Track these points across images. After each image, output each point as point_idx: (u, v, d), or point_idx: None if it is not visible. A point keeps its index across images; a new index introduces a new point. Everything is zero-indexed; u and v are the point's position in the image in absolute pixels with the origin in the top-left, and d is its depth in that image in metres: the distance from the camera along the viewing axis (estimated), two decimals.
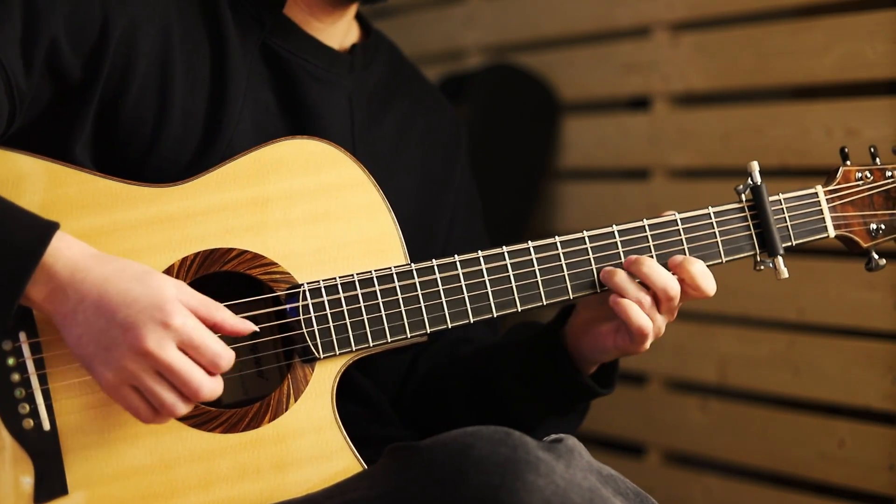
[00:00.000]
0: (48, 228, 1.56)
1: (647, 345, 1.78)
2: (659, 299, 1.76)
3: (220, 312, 1.62)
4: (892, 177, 1.89)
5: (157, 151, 1.76)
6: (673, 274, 1.77)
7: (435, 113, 2.12)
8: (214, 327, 1.61)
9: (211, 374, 1.59)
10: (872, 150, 1.90)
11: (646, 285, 1.76)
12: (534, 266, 1.77)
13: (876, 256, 1.87)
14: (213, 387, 1.59)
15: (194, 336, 1.57)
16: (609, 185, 3.11)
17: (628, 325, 1.76)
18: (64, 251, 1.56)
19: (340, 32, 1.96)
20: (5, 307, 1.54)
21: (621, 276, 1.76)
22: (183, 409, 1.59)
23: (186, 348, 1.57)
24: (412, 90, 2.09)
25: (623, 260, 1.78)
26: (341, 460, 1.72)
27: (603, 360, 1.86)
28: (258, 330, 1.66)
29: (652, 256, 1.79)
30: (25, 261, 1.54)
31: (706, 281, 1.77)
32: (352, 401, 1.87)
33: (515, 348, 1.93)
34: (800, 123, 2.62)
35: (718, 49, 2.79)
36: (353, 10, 1.96)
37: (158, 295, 1.56)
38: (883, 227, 1.88)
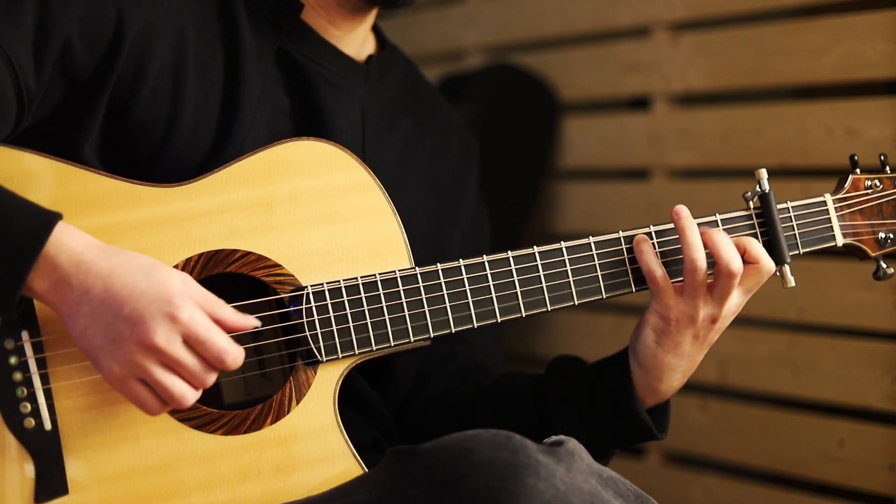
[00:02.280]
0: (50, 219, 1.56)
1: (669, 301, 1.76)
2: (685, 269, 1.75)
3: (223, 310, 1.61)
4: None
5: (167, 153, 1.76)
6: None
7: (445, 134, 2.10)
8: (217, 324, 1.61)
9: (216, 368, 1.59)
10: (882, 157, 1.89)
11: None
12: (539, 272, 1.77)
13: (884, 265, 1.87)
14: (213, 378, 1.60)
15: (201, 330, 1.57)
16: (609, 185, 3.11)
17: (641, 267, 1.76)
18: (67, 243, 1.56)
19: (358, 41, 1.96)
20: (8, 298, 1.54)
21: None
22: (192, 398, 1.59)
23: (192, 343, 1.57)
24: (423, 109, 2.08)
25: (629, 266, 1.79)
26: (342, 464, 1.72)
27: (647, 346, 1.80)
28: (260, 325, 1.66)
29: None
30: (27, 251, 1.53)
31: (765, 256, 1.77)
32: (354, 408, 1.87)
33: (570, 375, 1.90)
34: (800, 123, 2.62)
35: (718, 49, 2.79)
36: (371, 17, 1.96)
37: (165, 288, 1.56)
38: (892, 236, 1.87)
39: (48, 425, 1.62)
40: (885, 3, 2.48)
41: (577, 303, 1.78)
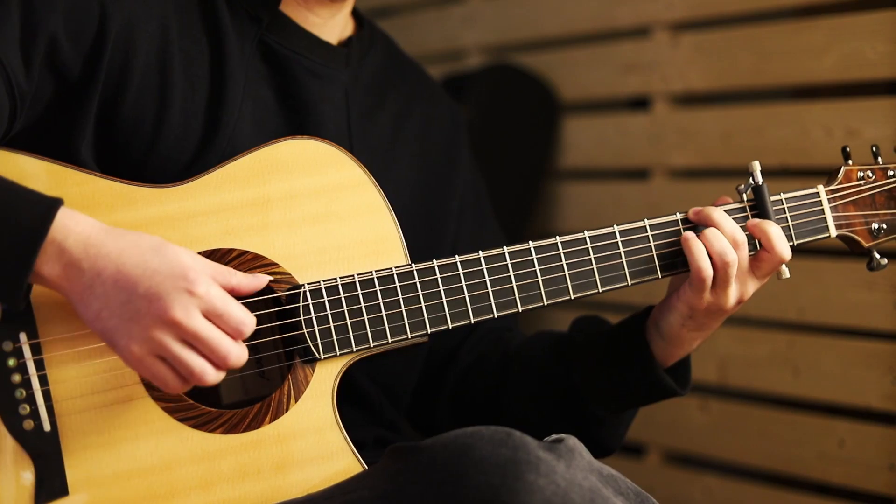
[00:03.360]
0: (53, 204, 1.56)
1: (706, 296, 1.79)
2: (716, 265, 1.78)
3: (235, 276, 1.63)
4: (893, 176, 1.89)
5: (157, 150, 1.76)
6: (748, 234, 1.79)
7: (432, 103, 2.11)
8: (232, 291, 1.62)
9: (234, 340, 1.59)
10: (874, 149, 1.90)
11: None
12: (534, 266, 1.77)
13: (878, 256, 1.87)
14: (239, 352, 1.59)
15: (218, 303, 1.57)
16: (609, 185, 3.11)
17: (690, 265, 1.77)
18: (72, 227, 1.56)
19: (338, 28, 1.96)
20: (16, 285, 1.54)
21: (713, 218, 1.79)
22: (213, 374, 1.58)
23: (211, 316, 1.57)
24: (408, 80, 2.09)
25: (624, 259, 1.79)
26: (342, 461, 1.72)
27: (672, 326, 1.85)
28: (271, 279, 1.67)
29: (653, 256, 1.80)
30: (32, 237, 1.54)
31: (782, 243, 1.79)
32: (352, 404, 1.87)
33: (592, 344, 1.94)
34: (800, 123, 2.62)
35: (718, 49, 2.79)
36: (349, 4, 1.96)
37: (179, 264, 1.57)
38: (885, 226, 1.88)
39: (47, 426, 1.62)
40: (885, 3, 2.48)
41: (573, 297, 1.78)
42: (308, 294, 1.71)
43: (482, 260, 1.76)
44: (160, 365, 1.57)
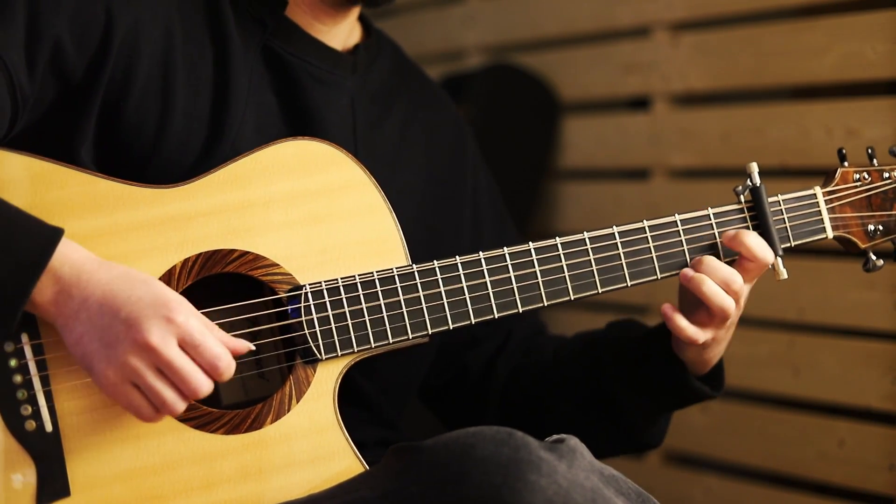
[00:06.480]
0: (54, 236, 1.56)
1: (733, 319, 1.83)
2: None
3: (218, 331, 1.61)
4: (889, 178, 1.90)
5: (159, 153, 1.76)
6: (729, 246, 1.82)
7: (437, 111, 2.11)
8: None
9: (209, 375, 1.59)
10: (870, 150, 1.91)
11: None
12: (535, 267, 1.77)
13: (874, 257, 1.88)
14: (211, 387, 1.59)
15: (196, 334, 1.57)
16: (609, 185, 3.12)
17: (710, 306, 1.79)
18: (69, 255, 1.57)
19: (343, 34, 1.96)
20: (10, 315, 1.55)
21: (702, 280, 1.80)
22: (182, 407, 1.59)
23: (187, 347, 1.57)
24: (414, 89, 2.09)
25: (623, 260, 1.80)
26: (343, 461, 1.72)
27: (693, 354, 1.87)
28: (254, 349, 1.66)
29: (652, 258, 1.80)
30: (31, 269, 1.54)
31: (763, 251, 1.80)
32: (352, 404, 1.87)
33: (626, 355, 1.95)
34: (800, 123, 2.62)
35: (718, 49, 2.80)
36: (355, 12, 1.96)
37: (163, 294, 1.57)
38: (881, 228, 1.88)
39: (49, 427, 1.62)
40: (885, 3, 2.49)
41: (573, 298, 1.79)
42: (309, 295, 1.71)
43: (482, 260, 1.76)
44: (134, 392, 1.57)
